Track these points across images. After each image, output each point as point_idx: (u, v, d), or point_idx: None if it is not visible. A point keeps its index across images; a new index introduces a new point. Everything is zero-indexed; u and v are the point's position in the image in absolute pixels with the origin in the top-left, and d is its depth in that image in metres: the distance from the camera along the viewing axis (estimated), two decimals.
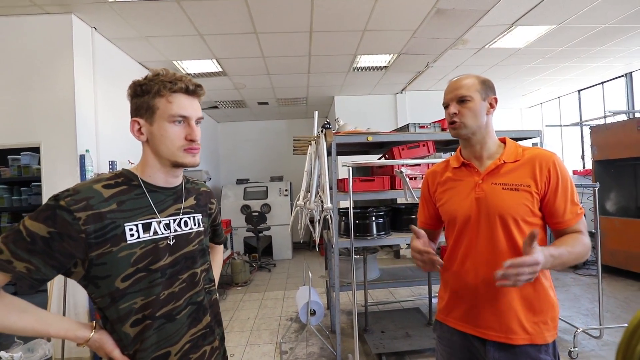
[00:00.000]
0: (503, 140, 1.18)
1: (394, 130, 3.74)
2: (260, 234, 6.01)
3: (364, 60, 4.56)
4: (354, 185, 2.59)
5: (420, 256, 1.06)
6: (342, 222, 2.86)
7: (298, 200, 2.82)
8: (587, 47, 4.34)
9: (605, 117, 5.21)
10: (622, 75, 5.59)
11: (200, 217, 1.01)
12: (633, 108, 5.40)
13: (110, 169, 2.86)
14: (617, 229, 4.40)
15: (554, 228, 1.09)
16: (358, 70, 4.90)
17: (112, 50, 3.62)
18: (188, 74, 4.58)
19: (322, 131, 2.67)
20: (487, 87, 1.13)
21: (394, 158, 2.82)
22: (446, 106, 1.15)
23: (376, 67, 4.83)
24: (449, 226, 1.21)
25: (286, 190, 6.62)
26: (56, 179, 2.88)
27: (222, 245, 1.30)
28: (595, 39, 4.09)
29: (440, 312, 1.23)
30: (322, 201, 2.52)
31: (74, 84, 2.94)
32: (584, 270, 4.70)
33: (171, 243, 0.90)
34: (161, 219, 0.89)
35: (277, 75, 4.95)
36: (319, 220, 2.62)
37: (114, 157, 3.35)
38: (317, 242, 2.64)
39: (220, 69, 4.58)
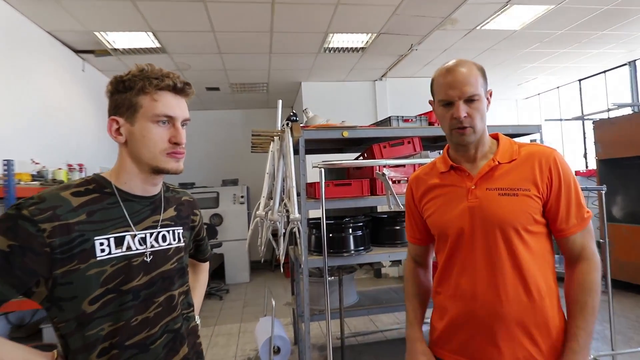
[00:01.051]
0: (495, 137, 1.21)
1: (374, 124, 3.79)
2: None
3: (337, 40, 4.61)
4: (327, 190, 2.59)
5: None
6: (313, 236, 2.84)
7: (257, 209, 2.77)
8: (588, 31, 4.67)
9: (609, 110, 5.61)
10: (626, 64, 6.07)
11: (181, 231, 1.06)
12: (638, 100, 5.86)
13: (4, 171, 2.66)
14: (626, 238, 4.70)
15: (557, 237, 1.13)
16: (330, 51, 4.94)
17: (8, 13, 3.39)
18: (115, 50, 4.45)
19: (287, 124, 2.64)
20: (485, 78, 1.15)
21: (374, 157, 2.85)
22: (448, 103, 1.12)
23: (352, 48, 4.89)
24: (439, 241, 1.22)
25: (242, 196, 6.54)
26: None
27: (207, 263, 1.38)
28: (596, 22, 4.40)
29: (433, 344, 1.24)
30: (287, 210, 2.49)
31: None
32: None
33: (148, 260, 0.95)
34: (136, 233, 0.94)
35: (231, 54, 4.89)
36: (284, 234, 2.59)
37: (11, 155, 3.11)
38: (282, 261, 2.60)
39: (158, 45, 4.45)
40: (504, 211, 1.08)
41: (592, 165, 5.71)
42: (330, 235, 2.70)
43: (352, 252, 2.71)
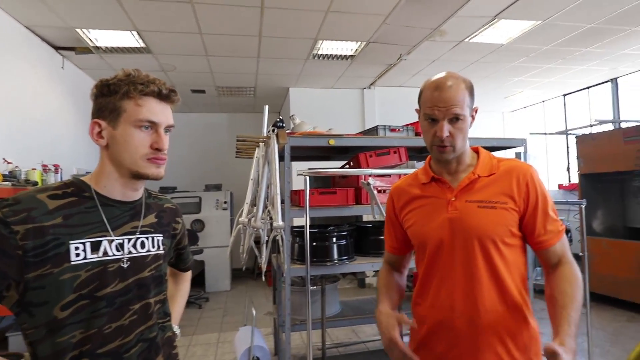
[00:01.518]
0: (476, 150, 1.24)
1: (361, 132, 3.82)
2: None
3: (327, 47, 4.65)
4: (312, 198, 2.60)
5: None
6: (296, 245, 2.84)
7: (240, 216, 2.76)
8: (572, 47, 4.83)
9: (591, 125, 5.80)
10: (608, 81, 6.30)
11: (160, 238, 1.06)
12: (619, 116, 6.08)
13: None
14: (605, 252, 4.86)
15: (535, 249, 1.17)
16: (319, 57, 4.98)
17: None
18: (98, 48, 4.39)
19: (273, 130, 2.65)
20: (473, 96, 1.17)
21: (360, 166, 2.88)
22: (432, 119, 1.14)
23: (341, 55, 4.94)
24: (419, 252, 1.25)
25: (225, 202, 6.49)
26: None
27: (189, 272, 1.36)
28: (580, 39, 4.57)
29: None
30: (271, 218, 2.48)
31: None
32: None
33: (125, 266, 0.94)
34: (114, 238, 0.94)
35: (218, 57, 4.88)
36: (267, 241, 2.58)
37: None
38: (264, 269, 2.59)
39: (143, 44, 4.41)
40: (483, 223, 1.12)
41: (575, 179, 5.88)
42: (314, 243, 2.70)
43: (336, 261, 2.72)
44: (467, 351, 1.11)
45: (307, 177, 2.41)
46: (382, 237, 2.89)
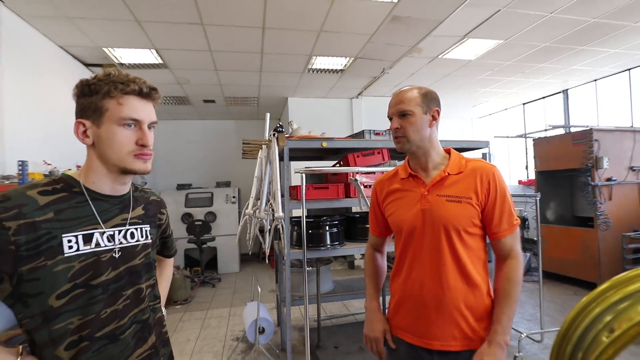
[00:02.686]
0: (448, 151, 1.27)
1: (350, 136, 3.84)
2: (204, 245, 5.78)
3: (320, 62, 4.65)
4: (307, 192, 2.61)
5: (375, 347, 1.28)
6: (295, 232, 2.85)
7: (247, 208, 2.77)
8: (530, 63, 4.87)
9: (546, 130, 5.85)
10: (560, 92, 6.36)
11: (148, 229, 1.00)
12: (569, 123, 6.15)
13: (19, 170, 2.58)
14: (556, 237, 4.94)
15: (491, 238, 1.19)
16: (313, 71, 4.98)
17: (24, 29, 3.30)
18: (122, 65, 4.36)
19: (274, 134, 2.66)
20: (429, 99, 1.19)
21: (348, 165, 2.89)
22: (390, 119, 1.23)
23: (332, 69, 4.94)
24: (396, 236, 1.28)
25: (234, 197, 6.46)
26: None
27: (171, 259, 1.28)
28: (537, 56, 4.61)
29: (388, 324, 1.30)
30: (273, 209, 2.50)
31: None
32: (528, 276, 5.19)
33: (116, 256, 0.89)
34: (105, 230, 0.88)
35: (226, 71, 4.86)
36: (270, 230, 2.60)
37: (25, 157, 3.02)
38: (267, 253, 2.61)
39: (161, 61, 4.38)
40: (449, 215, 1.14)
41: (532, 175, 5.94)
42: (310, 231, 2.73)
43: (329, 246, 2.75)
44: (432, 320, 1.15)
45: (304, 175, 2.43)
46: (368, 226, 2.93)
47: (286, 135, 2.72)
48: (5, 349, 0.78)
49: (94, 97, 0.84)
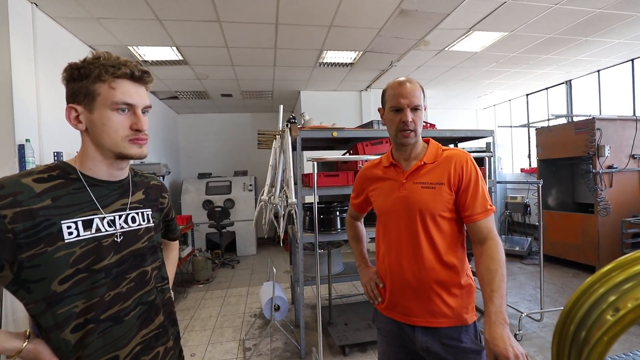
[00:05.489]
0: (427, 141, 1.25)
1: (359, 126, 3.80)
2: (223, 230, 5.87)
3: (330, 56, 4.58)
4: (319, 180, 2.61)
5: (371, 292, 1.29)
6: (307, 217, 2.87)
7: (262, 195, 2.78)
8: (534, 54, 4.69)
9: (548, 120, 5.68)
10: (563, 83, 6.13)
11: (150, 213, 0.95)
12: (572, 112, 5.94)
13: (55, 161, 2.64)
14: (557, 222, 4.83)
15: (466, 222, 1.14)
16: (324, 65, 4.91)
17: (56, 30, 3.32)
18: (145, 62, 4.38)
19: (287, 125, 2.65)
20: (424, 96, 1.20)
21: (358, 154, 2.87)
22: (398, 110, 1.14)
23: (342, 63, 4.87)
24: (378, 221, 1.28)
25: (250, 185, 6.51)
26: None
27: (177, 242, 1.24)
28: (541, 47, 4.43)
29: (378, 303, 1.31)
30: (286, 196, 2.51)
31: (11, 65, 2.65)
32: (529, 259, 5.13)
33: (118, 240, 0.84)
34: (105, 215, 0.82)
35: (242, 67, 4.83)
36: (284, 215, 2.61)
37: (60, 148, 3.09)
38: (282, 237, 2.63)
39: (181, 58, 4.38)
40: (424, 200, 1.14)
41: (534, 163, 5.80)
42: (321, 216, 2.73)
43: (339, 230, 2.75)
44: (412, 297, 1.16)
45: (315, 163, 2.42)
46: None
47: (299, 126, 2.71)
48: (12, 332, 0.76)
49: (85, 82, 0.78)
